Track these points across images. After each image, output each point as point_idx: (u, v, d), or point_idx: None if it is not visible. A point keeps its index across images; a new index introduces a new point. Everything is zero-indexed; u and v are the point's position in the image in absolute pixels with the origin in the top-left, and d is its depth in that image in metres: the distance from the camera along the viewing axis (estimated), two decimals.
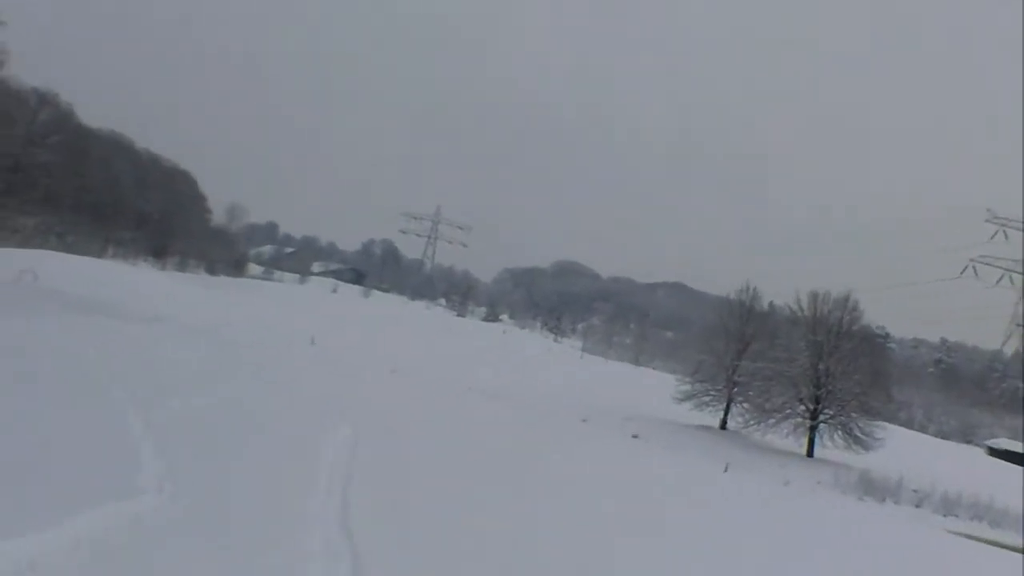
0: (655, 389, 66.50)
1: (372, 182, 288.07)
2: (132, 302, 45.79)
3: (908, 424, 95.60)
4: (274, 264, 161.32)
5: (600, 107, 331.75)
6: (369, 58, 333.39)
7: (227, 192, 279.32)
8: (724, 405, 51.61)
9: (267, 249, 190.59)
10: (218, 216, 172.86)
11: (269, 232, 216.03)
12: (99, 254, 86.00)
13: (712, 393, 51.29)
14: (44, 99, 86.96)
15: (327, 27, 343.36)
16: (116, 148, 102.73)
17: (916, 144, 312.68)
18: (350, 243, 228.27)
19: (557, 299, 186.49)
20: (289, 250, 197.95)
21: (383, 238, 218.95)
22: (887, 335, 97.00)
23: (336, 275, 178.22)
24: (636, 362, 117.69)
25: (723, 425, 51.58)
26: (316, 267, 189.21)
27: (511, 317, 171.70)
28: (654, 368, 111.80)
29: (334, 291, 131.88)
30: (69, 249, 79.72)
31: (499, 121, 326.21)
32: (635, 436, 39.26)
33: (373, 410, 20.80)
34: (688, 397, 50.98)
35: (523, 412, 34.30)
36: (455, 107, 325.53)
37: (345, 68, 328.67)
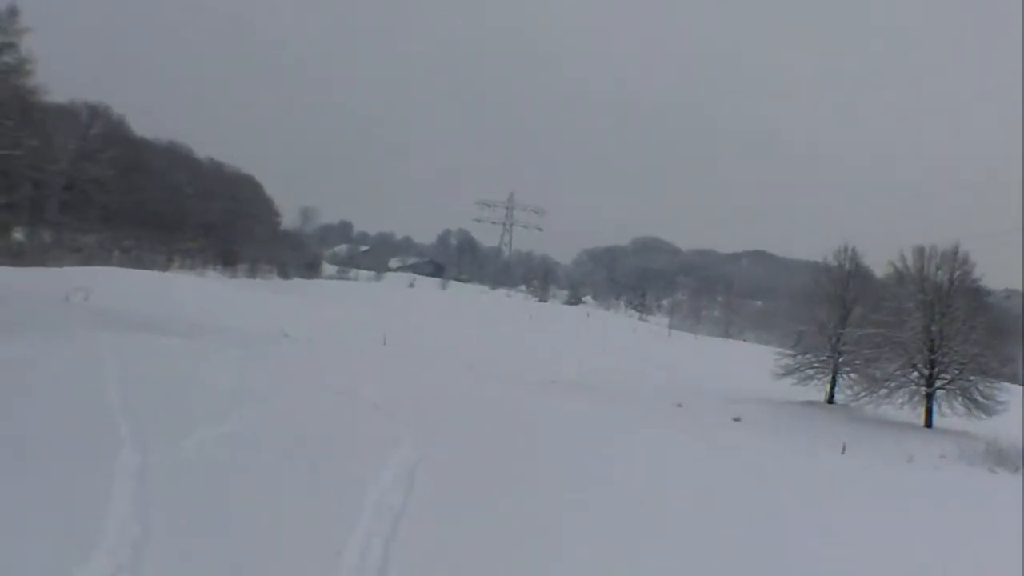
0: (749, 363, 62.66)
1: (444, 173, 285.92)
2: (188, 314, 43.14)
3: (1012, 380, 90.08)
4: (349, 263, 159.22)
5: (673, 80, 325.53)
6: (431, 49, 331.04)
7: (299, 195, 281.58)
8: (829, 377, 47.53)
9: (342, 248, 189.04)
10: (291, 219, 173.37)
11: (343, 231, 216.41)
12: (165, 267, 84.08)
13: (816, 365, 47.16)
14: (95, 113, 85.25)
15: (389, 24, 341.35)
16: (175, 158, 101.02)
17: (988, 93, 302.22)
18: (426, 236, 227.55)
19: (639, 276, 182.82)
20: (364, 248, 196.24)
21: (458, 228, 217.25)
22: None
23: (414, 269, 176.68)
24: (726, 335, 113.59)
25: (830, 399, 47.46)
26: (393, 263, 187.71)
27: (593, 298, 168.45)
28: (745, 340, 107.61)
29: (411, 285, 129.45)
30: (134, 264, 78.03)
31: (567, 101, 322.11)
32: (736, 419, 35.64)
33: (441, 419, 17.65)
34: (790, 371, 46.86)
35: (612, 405, 30.85)
36: (523, 91, 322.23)
37: (408, 62, 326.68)
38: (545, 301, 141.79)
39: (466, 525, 9.63)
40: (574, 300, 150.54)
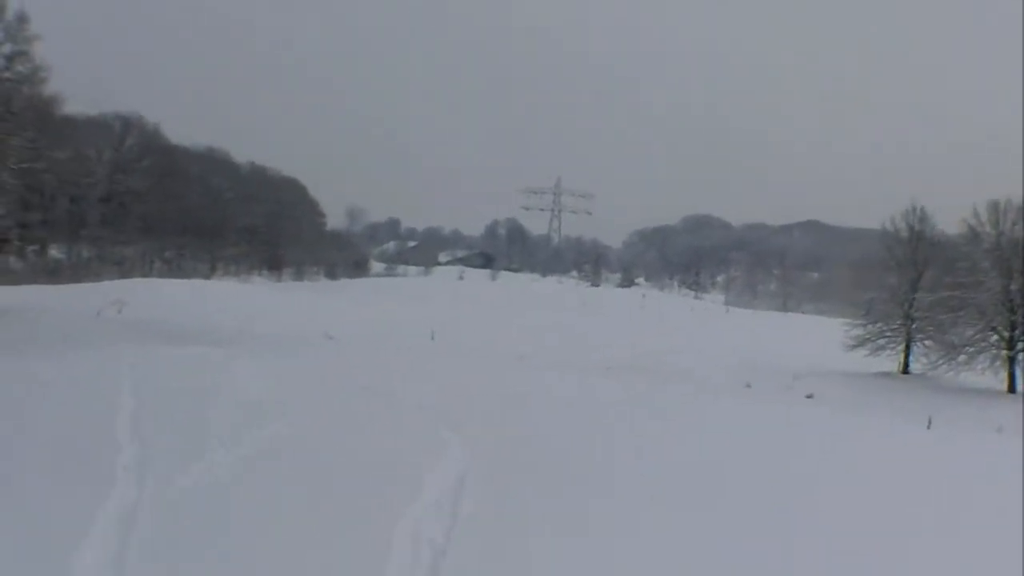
0: (812, 336, 60.22)
1: (488, 163, 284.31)
2: (226, 321, 41.65)
3: None
4: (398, 260, 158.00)
5: (717, 54, 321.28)
6: (469, 39, 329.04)
7: (346, 196, 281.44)
8: (903, 346, 44.95)
9: (390, 246, 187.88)
10: (338, 219, 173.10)
11: (391, 229, 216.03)
12: (208, 275, 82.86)
13: (888, 334, 44.60)
14: (128, 123, 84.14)
15: (426, 17, 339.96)
16: (214, 164, 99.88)
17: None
18: (474, 228, 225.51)
19: (691, 254, 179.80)
20: (412, 243, 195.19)
21: (506, 218, 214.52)
22: None
23: (464, 262, 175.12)
24: (784, 308, 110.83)
25: (905, 369, 44.95)
26: (443, 257, 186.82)
27: (646, 279, 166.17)
28: (803, 312, 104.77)
29: (460, 278, 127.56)
30: (177, 273, 76.91)
31: (609, 82, 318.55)
32: (809, 396, 33.45)
33: (490, 417, 15.76)
34: (861, 342, 44.34)
35: (674, 388, 28.83)
36: (563, 75, 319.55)
37: (447, 54, 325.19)
38: (597, 285, 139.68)
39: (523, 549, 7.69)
40: (627, 283, 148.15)
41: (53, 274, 62.28)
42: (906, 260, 44.85)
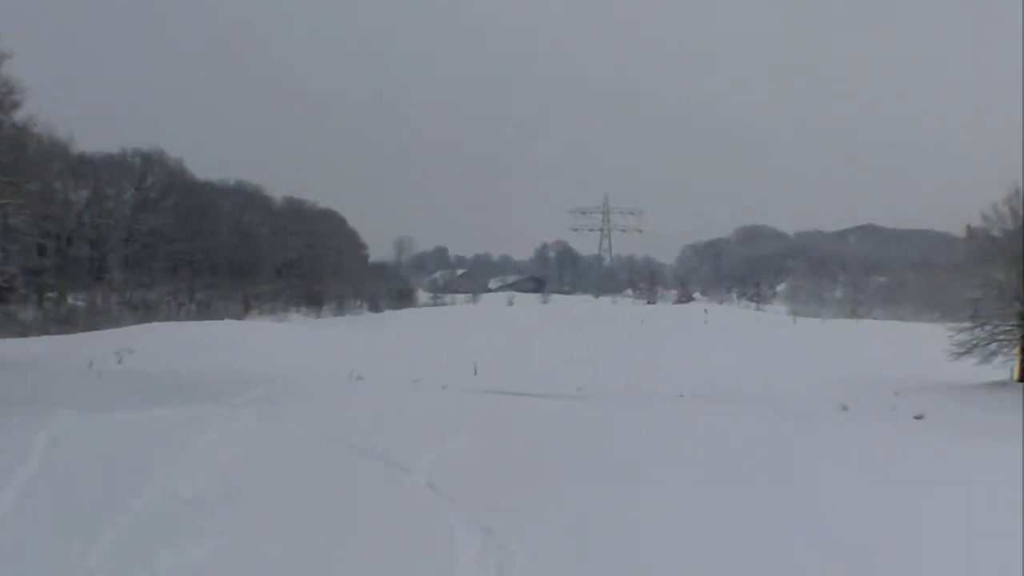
0: (895, 343, 54.44)
1: (535, 187, 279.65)
2: (243, 366, 37.01)
3: None
4: (446, 289, 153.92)
5: (761, 65, 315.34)
6: (510, 65, 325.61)
7: (394, 228, 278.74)
8: (1018, 350, 38.80)
9: (439, 275, 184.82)
10: (386, 251, 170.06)
11: (439, 258, 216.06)
12: (241, 315, 78.20)
13: (1000, 338, 38.63)
14: (149, 160, 79.90)
15: (461, 47, 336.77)
16: (245, 199, 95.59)
17: None
18: (524, 252, 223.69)
19: (746, 266, 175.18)
20: (461, 271, 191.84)
21: (555, 240, 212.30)
22: None
23: (515, 287, 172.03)
24: (853, 315, 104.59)
25: (1022, 376, 38.94)
26: (493, 283, 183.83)
27: (702, 294, 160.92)
28: (875, 318, 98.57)
29: (510, 303, 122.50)
30: (208, 315, 72.44)
31: (653, 98, 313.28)
32: (918, 417, 27.96)
33: (549, 497, 10.86)
34: (970, 348, 38.34)
35: (762, 417, 23.71)
36: (607, 93, 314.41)
37: (486, 79, 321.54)
38: (653, 303, 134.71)
39: None
40: (684, 298, 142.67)
41: (67, 323, 57.83)
42: (1014, 251, 38.79)
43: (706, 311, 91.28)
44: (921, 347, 43.63)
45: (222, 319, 68.17)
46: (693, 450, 15.94)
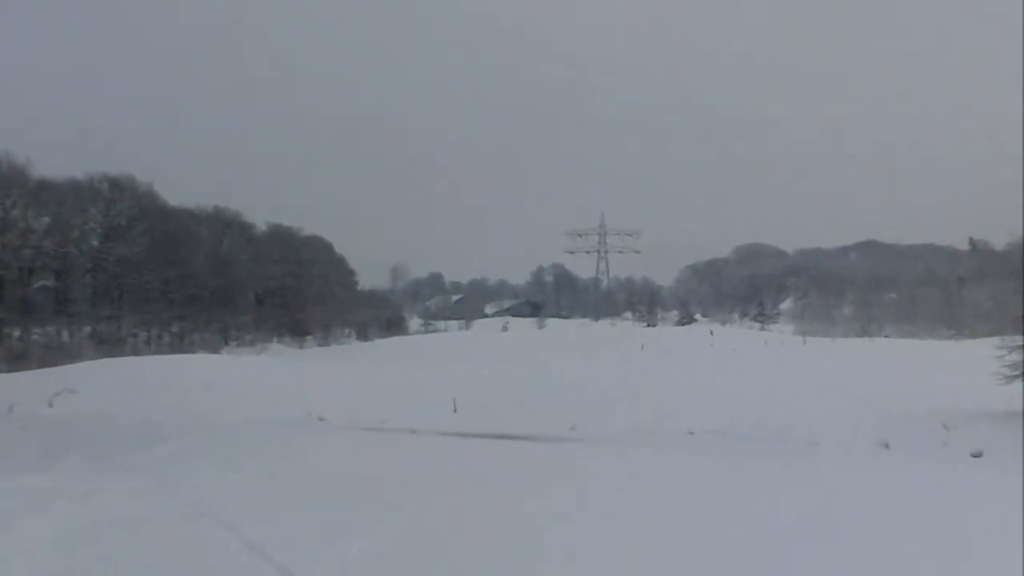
0: (921, 363, 49.63)
1: (529, 209, 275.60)
2: (191, 407, 32.72)
3: None
4: (440, 315, 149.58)
5: (756, 79, 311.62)
6: (500, 82, 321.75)
7: (388, 255, 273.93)
8: None
9: (434, 301, 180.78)
10: (382, 278, 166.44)
11: (434, 284, 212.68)
12: (216, 347, 73.28)
13: None
14: (117, 185, 75.13)
15: (457, 62, 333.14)
16: (223, 226, 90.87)
17: None
18: (520, 276, 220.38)
19: (746, 285, 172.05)
20: (456, 297, 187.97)
21: (552, 263, 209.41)
22: None
23: (511, 312, 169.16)
24: (864, 333, 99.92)
25: None
26: (489, 308, 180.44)
27: (703, 315, 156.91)
28: (887, 336, 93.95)
29: (504, 329, 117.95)
30: (181, 348, 67.79)
31: (648, 114, 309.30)
32: (977, 455, 23.36)
33: None
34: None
35: (797, 468, 19.22)
36: (601, 112, 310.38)
37: (477, 98, 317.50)
38: (654, 325, 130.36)
39: None
40: (686, 319, 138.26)
41: (22, 358, 53.05)
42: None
43: (712, 333, 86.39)
44: (946, 366, 39.02)
45: (195, 352, 63.67)
46: (722, 524, 11.41)
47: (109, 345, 62.75)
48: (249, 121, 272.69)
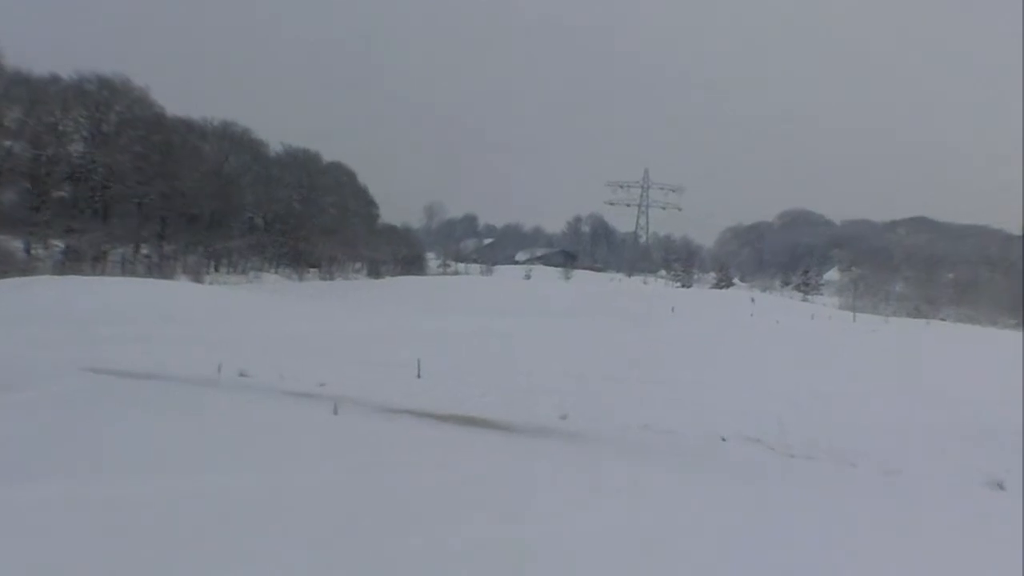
0: (996, 355, 40.95)
1: (571, 156, 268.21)
2: (92, 345, 25.87)
3: None
4: (469, 258, 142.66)
5: (811, 45, 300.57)
6: (549, 30, 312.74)
7: (427, 193, 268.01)
8: None
9: (468, 243, 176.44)
10: (416, 216, 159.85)
11: (468, 225, 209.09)
12: (201, 275, 65.98)
13: None
14: (107, 85, 67.61)
15: (500, 14, 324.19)
16: (228, 143, 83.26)
17: None
18: (556, 225, 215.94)
19: (788, 253, 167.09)
20: (488, 240, 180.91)
21: (590, 213, 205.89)
22: None
23: (544, 260, 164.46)
24: (918, 314, 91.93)
25: None
26: (520, 255, 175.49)
27: (742, 279, 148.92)
28: (943, 319, 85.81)
29: (527, 277, 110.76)
30: (163, 272, 60.81)
31: (699, 73, 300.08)
32: None
33: None
34: None
35: (874, 506, 11.97)
36: (650, 65, 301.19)
37: (527, 45, 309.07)
38: (689, 286, 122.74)
39: None
40: (724, 283, 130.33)
41: None
42: None
43: (753, 300, 78.04)
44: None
45: (176, 277, 56.91)
46: None
47: (77, 263, 55.92)
48: (292, 46, 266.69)
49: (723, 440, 18.86)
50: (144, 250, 66.12)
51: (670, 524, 9.59)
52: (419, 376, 25.11)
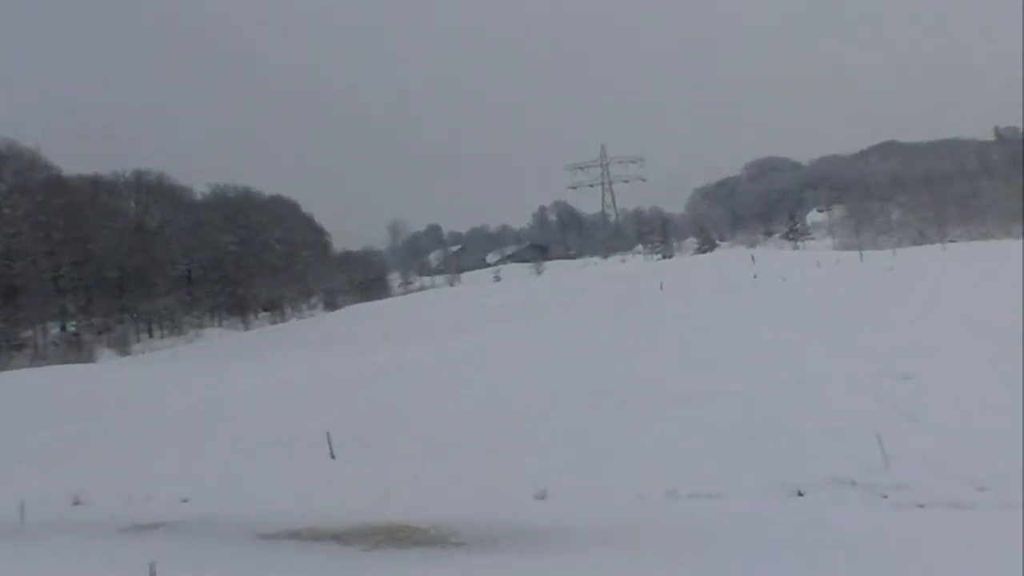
0: None
1: (525, 146, 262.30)
2: None
3: None
4: (439, 269, 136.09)
5: None
6: (484, 15, 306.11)
7: (386, 212, 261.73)
8: None
9: (434, 255, 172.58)
10: (380, 235, 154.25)
11: (433, 236, 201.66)
12: (125, 346, 58.04)
13: None
14: None
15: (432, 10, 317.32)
16: (148, 192, 75.61)
17: None
18: (522, 219, 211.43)
19: (763, 203, 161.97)
20: (455, 248, 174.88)
21: (554, 201, 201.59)
22: None
23: (515, 258, 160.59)
24: (923, 240, 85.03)
25: None
26: (491, 257, 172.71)
27: (720, 239, 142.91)
28: (953, 241, 78.95)
29: (496, 279, 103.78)
30: (79, 348, 53.08)
31: (646, 36, 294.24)
32: None
33: None
34: None
35: None
36: (598, 39, 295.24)
37: (458, 33, 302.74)
38: (670, 256, 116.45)
39: None
40: (707, 246, 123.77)
41: None
42: None
43: (753, 260, 69.76)
44: None
45: (95, 356, 49.30)
46: None
47: None
48: (228, 78, 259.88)
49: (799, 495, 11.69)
50: (54, 329, 58.11)
51: None
52: (333, 456, 17.76)
